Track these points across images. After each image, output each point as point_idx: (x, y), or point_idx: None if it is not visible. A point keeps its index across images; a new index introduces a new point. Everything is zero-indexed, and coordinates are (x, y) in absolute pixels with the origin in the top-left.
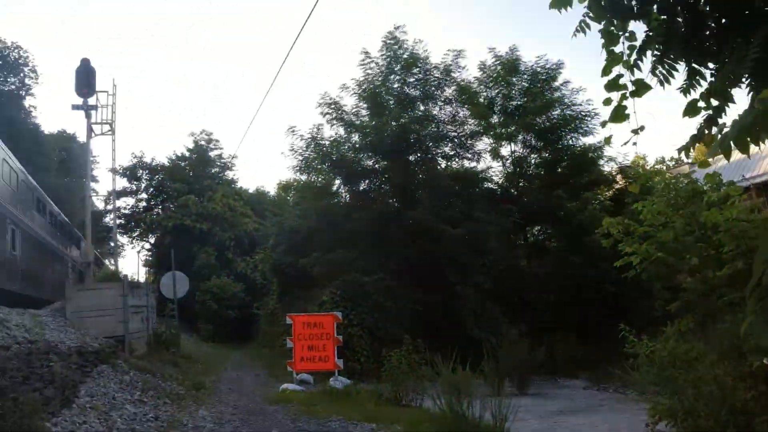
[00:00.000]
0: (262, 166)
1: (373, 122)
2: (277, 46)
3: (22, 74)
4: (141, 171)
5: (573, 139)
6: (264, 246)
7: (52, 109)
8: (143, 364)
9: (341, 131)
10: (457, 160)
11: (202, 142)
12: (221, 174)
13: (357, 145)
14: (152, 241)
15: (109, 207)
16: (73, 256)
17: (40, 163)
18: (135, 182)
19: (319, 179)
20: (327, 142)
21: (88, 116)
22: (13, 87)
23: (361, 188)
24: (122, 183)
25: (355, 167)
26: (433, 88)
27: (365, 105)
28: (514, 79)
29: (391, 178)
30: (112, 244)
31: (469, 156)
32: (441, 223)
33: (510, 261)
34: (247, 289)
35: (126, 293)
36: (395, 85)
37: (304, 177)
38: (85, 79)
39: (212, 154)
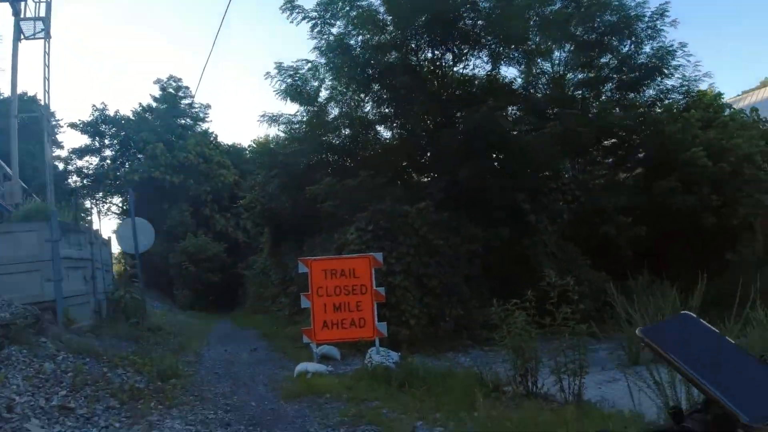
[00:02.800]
0: (238, 121)
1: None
2: None
3: None
4: (104, 126)
5: (634, 45)
6: (252, 182)
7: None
8: (84, 343)
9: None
10: (506, 61)
11: (171, 90)
12: (194, 125)
13: (377, 43)
14: (118, 202)
15: (70, 168)
16: None
17: None
18: (98, 138)
19: (318, 103)
20: (336, 32)
21: (16, 12)
22: None
23: (386, 96)
24: (84, 140)
25: (379, 67)
26: None
27: None
28: None
29: (424, 82)
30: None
31: (522, 57)
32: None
33: (584, 186)
34: (229, 249)
35: (57, 238)
36: None
37: (295, 106)
38: None
39: (183, 102)
